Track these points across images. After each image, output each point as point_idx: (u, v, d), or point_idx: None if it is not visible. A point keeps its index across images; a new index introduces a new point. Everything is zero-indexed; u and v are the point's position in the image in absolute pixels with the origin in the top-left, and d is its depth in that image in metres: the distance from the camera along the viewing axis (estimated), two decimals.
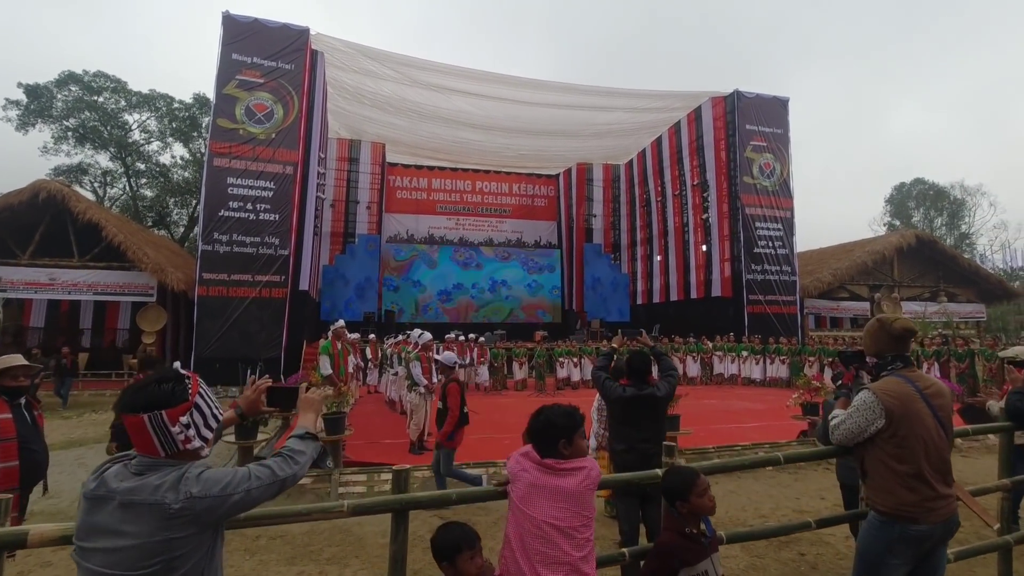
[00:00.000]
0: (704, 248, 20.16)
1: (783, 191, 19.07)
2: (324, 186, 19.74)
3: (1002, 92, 76.92)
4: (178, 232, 29.99)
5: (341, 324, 8.86)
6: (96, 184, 28.62)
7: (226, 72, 14.70)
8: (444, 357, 5.96)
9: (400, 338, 12.43)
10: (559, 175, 27.28)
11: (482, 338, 15.33)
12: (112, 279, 15.80)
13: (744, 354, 16.45)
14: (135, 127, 28.10)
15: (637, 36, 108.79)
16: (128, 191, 29.35)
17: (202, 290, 13.95)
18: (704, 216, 20.21)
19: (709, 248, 19.86)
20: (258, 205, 14.50)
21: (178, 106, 28.06)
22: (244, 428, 5.57)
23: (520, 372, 15.53)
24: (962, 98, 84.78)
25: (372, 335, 15.07)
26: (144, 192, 29.74)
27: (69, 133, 26.48)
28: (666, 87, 25.41)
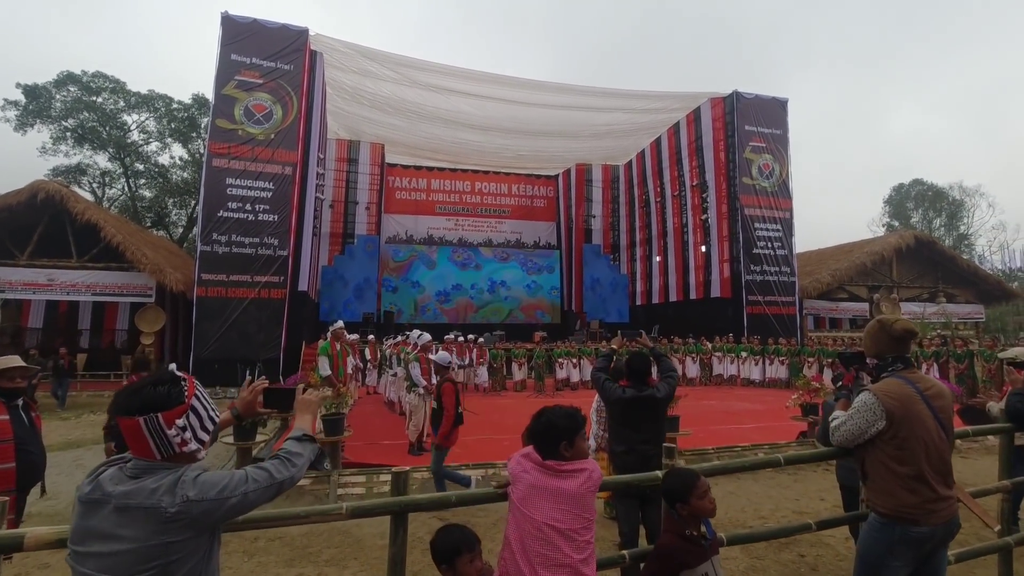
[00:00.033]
0: (703, 249, 20.17)
1: (782, 192, 19.10)
2: (323, 187, 19.74)
3: (1001, 93, 77.23)
4: (177, 233, 29.97)
5: (340, 325, 8.82)
6: (95, 184, 28.59)
7: (225, 72, 14.70)
8: (439, 357, 5.96)
9: (399, 339, 12.41)
10: (558, 176, 27.27)
11: (481, 339, 15.29)
12: (111, 280, 15.78)
13: (743, 355, 16.46)
14: (134, 127, 28.10)
15: (637, 37, 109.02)
16: (127, 192, 29.32)
17: (201, 291, 13.94)
18: (703, 217, 20.22)
19: (708, 249, 19.88)
20: (257, 206, 14.49)
21: (177, 107, 28.04)
22: (243, 429, 5.56)
23: (519, 373, 15.53)
24: (961, 99, 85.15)
25: (371, 336, 15.09)
26: (143, 193, 29.70)
27: (68, 133, 26.43)
28: (665, 88, 25.37)
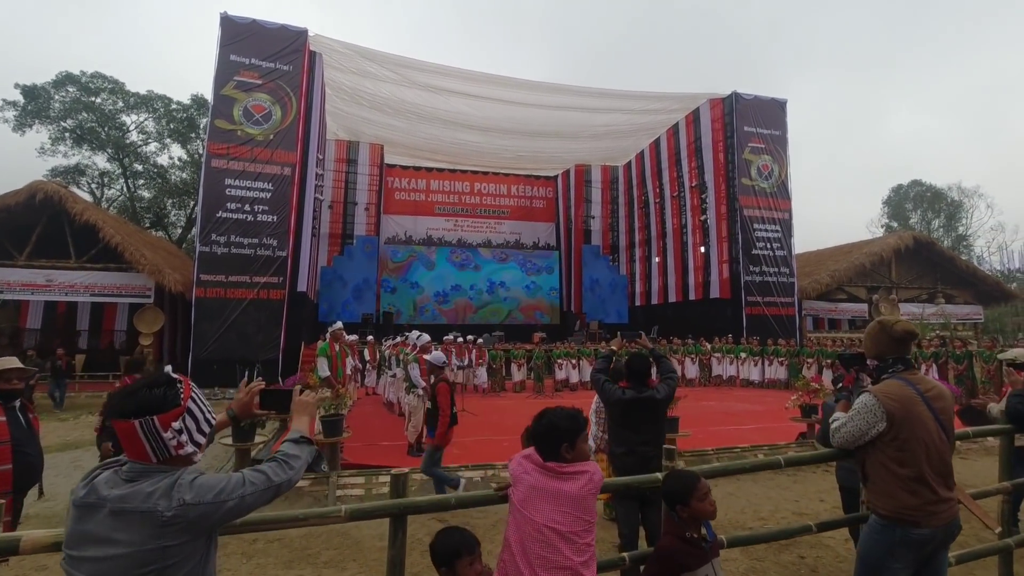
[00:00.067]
0: (702, 250, 20.18)
1: (781, 193, 19.11)
2: (322, 187, 19.73)
3: (1000, 94, 77.39)
4: (176, 233, 29.95)
5: (339, 326, 8.82)
6: (93, 185, 28.56)
7: (224, 73, 14.68)
8: (433, 357, 5.91)
9: (398, 340, 12.40)
10: (557, 176, 27.28)
11: (480, 339, 15.29)
12: (109, 280, 15.75)
13: (743, 356, 16.44)
14: (133, 128, 28.09)
15: (635, 37, 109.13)
16: (125, 192, 29.30)
17: (200, 291, 13.91)
18: (702, 218, 20.23)
19: (707, 249, 19.88)
20: (256, 206, 14.48)
21: (176, 107, 28.02)
22: (241, 431, 5.55)
23: (518, 374, 15.52)
24: (961, 100, 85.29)
25: (370, 336, 15.08)
26: (142, 193, 29.68)
27: (66, 134, 26.40)
28: (664, 89, 25.37)
